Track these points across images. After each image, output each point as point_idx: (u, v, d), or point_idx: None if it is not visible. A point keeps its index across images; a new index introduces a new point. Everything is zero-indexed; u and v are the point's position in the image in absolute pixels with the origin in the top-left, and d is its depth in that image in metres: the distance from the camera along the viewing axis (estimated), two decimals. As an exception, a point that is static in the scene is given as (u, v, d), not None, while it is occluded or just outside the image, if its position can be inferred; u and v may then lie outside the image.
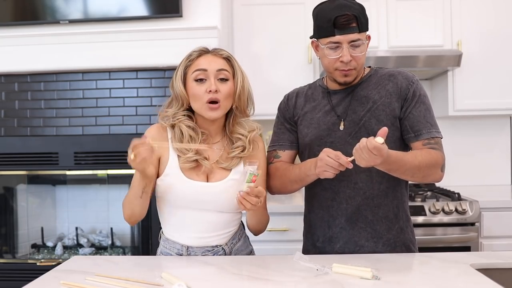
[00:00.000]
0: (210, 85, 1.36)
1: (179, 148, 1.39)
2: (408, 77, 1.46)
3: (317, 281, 1.16)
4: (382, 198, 1.46)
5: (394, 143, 1.43)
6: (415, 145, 1.44)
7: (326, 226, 1.51)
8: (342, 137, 1.46)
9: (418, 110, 1.43)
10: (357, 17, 1.36)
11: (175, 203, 1.41)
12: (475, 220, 2.38)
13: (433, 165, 1.38)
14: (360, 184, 1.45)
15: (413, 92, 1.44)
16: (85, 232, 2.79)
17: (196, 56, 1.41)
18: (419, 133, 1.42)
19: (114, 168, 2.54)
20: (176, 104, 1.42)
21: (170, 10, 2.48)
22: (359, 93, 1.48)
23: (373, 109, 1.44)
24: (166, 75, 2.52)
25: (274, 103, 1.71)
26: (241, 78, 1.42)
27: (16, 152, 2.59)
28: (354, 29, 1.37)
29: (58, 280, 1.19)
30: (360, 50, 1.39)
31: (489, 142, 3.11)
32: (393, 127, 1.43)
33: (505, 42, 2.78)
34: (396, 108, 1.43)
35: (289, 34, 2.84)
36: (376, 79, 1.49)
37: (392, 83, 1.46)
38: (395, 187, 1.48)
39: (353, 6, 1.39)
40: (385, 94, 1.45)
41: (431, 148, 1.41)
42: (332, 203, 1.49)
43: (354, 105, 1.46)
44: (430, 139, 1.41)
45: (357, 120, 1.45)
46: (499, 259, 1.33)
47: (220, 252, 1.43)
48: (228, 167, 1.41)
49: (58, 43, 2.52)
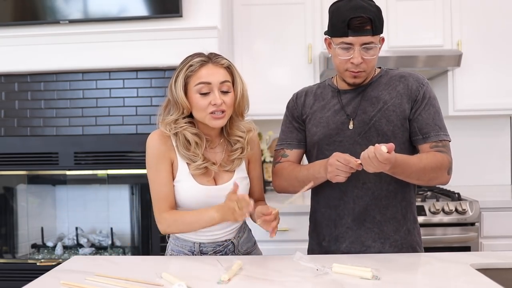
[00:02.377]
0: (215, 99, 1.36)
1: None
2: (418, 79, 1.47)
3: (317, 281, 1.16)
4: (391, 198, 1.46)
5: (403, 144, 1.44)
6: (422, 147, 1.44)
7: (333, 225, 1.50)
8: (351, 137, 1.46)
9: (427, 113, 1.43)
10: (372, 20, 1.35)
11: (188, 206, 1.44)
12: (475, 220, 2.38)
13: (438, 168, 1.38)
14: (368, 184, 1.45)
15: (423, 94, 1.44)
16: (85, 232, 2.79)
17: (198, 66, 1.38)
18: (427, 136, 1.42)
19: (114, 168, 2.54)
20: (176, 111, 1.41)
21: (170, 10, 2.47)
22: (369, 94, 1.48)
23: (383, 109, 1.44)
24: (166, 75, 2.52)
25: (274, 103, 1.71)
26: (241, 85, 1.43)
27: (16, 152, 2.59)
28: (368, 31, 1.36)
29: (58, 280, 1.19)
30: (372, 53, 1.39)
31: (489, 142, 3.11)
32: (402, 128, 1.43)
33: (505, 42, 2.78)
34: (406, 109, 1.43)
35: (289, 34, 2.84)
36: (386, 80, 1.49)
37: (403, 84, 1.46)
38: (404, 188, 1.48)
39: (369, 8, 1.36)
40: (396, 95, 1.45)
41: (438, 151, 1.40)
42: (339, 202, 1.48)
43: (364, 105, 1.46)
44: (438, 142, 1.41)
45: (367, 120, 1.44)
46: (499, 259, 1.33)
47: (230, 246, 1.48)
48: (231, 169, 1.46)
49: (58, 43, 2.52)
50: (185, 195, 1.43)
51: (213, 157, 1.46)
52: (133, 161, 2.48)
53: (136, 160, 2.50)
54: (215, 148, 1.48)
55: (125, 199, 2.74)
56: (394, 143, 1.34)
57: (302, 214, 2.40)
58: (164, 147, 1.42)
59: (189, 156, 1.40)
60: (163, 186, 1.42)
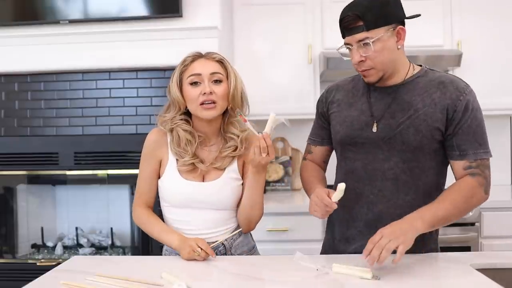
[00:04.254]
0: (204, 88, 1.40)
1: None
2: (459, 87, 1.34)
3: (317, 281, 1.16)
4: (407, 208, 1.34)
5: (429, 155, 1.36)
6: (456, 163, 1.35)
7: (345, 225, 1.47)
8: (374, 141, 1.38)
9: (468, 127, 1.32)
10: (360, 16, 1.28)
11: (174, 203, 1.47)
12: (475, 220, 2.39)
13: (470, 197, 1.31)
14: (384, 192, 1.39)
15: (464, 106, 1.32)
16: (85, 232, 2.78)
17: (190, 61, 1.45)
18: (464, 153, 1.33)
19: (114, 168, 2.54)
20: (173, 108, 1.46)
21: (170, 10, 2.47)
22: (402, 97, 1.37)
23: (413, 117, 1.34)
24: (166, 75, 2.52)
25: (274, 103, 1.71)
26: (234, 78, 1.45)
27: (16, 152, 2.59)
28: (360, 28, 1.29)
29: (58, 280, 1.19)
30: (372, 49, 1.29)
31: (489, 142, 3.10)
32: (432, 139, 1.34)
33: (505, 42, 2.78)
34: (439, 119, 1.33)
35: (289, 34, 2.84)
36: (424, 83, 1.38)
37: (441, 92, 1.34)
38: (425, 200, 1.34)
39: (360, 4, 1.30)
40: (430, 103, 1.34)
41: (470, 174, 1.32)
42: (354, 205, 1.43)
43: (394, 108, 1.37)
44: (473, 162, 1.32)
45: (394, 126, 1.36)
46: (499, 259, 1.33)
47: (220, 247, 1.46)
48: (221, 166, 1.46)
49: (58, 43, 2.52)
50: (170, 190, 1.46)
51: (206, 155, 1.47)
52: (133, 161, 2.48)
53: (136, 160, 2.46)
54: (210, 147, 1.48)
55: (125, 199, 2.74)
56: (419, 155, 1.33)
57: (302, 214, 2.41)
58: (156, 145, 1.48)
59: (179, 152, 1.44)
60: (143, 182, 1.51)
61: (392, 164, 1.37)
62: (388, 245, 1.15)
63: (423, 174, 1.37)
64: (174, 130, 1.45)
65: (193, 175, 1.44)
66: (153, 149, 1.48)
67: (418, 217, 1.24)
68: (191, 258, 1.35)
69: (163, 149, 1.48)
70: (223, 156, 1.46)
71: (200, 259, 1.34)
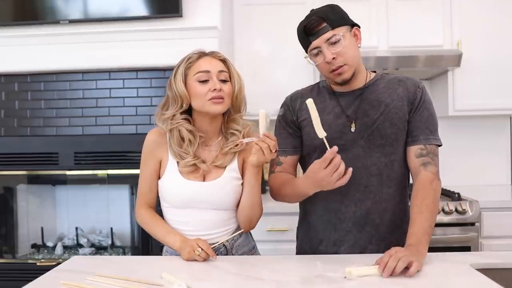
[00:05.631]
0: (214, 84, 1.40)
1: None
2: (415, 82, 1.48)
3: (317, 281, 1.16)
4: (390, 202, 1.45)
5: (402, 147, 1.44)
6: (409, 149, 1.43)
7: (332, 229, 1.48)
8: (354, 140, 1.44)
9: (421, 116, 1.43)
10: (324, 17, 1.39)
11: (174, 203, 1.46)
12: (475, 220, 2.38)
13: (436, 192, 1.38)
14: (370, 187, 1.44)
15: (420, 97, 1.44)
16: (85, 232, 2.79)
17: (196, 58, 1.45)
18: (415, 139, 1.43)
19: (114, 168, 2.54)
20: (174, 105, 1.43)
21: (170, 10, 2.48)
22: (368, 97, 1.46)
23: (386, 112, 1.43)
24: (166, 75, 2.52)
25: (274, 103, 1.70)
26: (238, 79, 1.47)
27: (16, 152, 2.59)
28: (325, 28, 1.38)
29: (58, 280, 1.19)
30: (340, 45, 1.38)
31: (489, 142, 3.11)
32: (404, 130, 1.43)
33: (505, 42, 2.78)
34: (406, 112, 1.44)
35: (289, 34, 2.81)
36: (384, 83, 1.48)
37: (402, 88, 1.46)
38: (402, 191, 1.48)
39: (320, 10, 1.43)
40: (397, 98, 1.45)
41: (422, 164, 1.40)
42: (340, 206, 1.45)
43: (365, 108, 1.45)
44: (423, 148, 1.41)
45: (370, 123, 1.43)
46: (499, 259, 1.33)
47: (222, 249, 1.45)
48: (222, 164, 1.45)
49: (58, 43, 2.52)
50: (171, 191, 1.45)
51: (207, 155, 1.46)
52: (133, 161, 2.48)
53: (136, 160, 2.47)
54: (210, 146, 1.48)
55: (125, 199, 2.74)
56: (396, 146, 1.37)
57: (302, 214, 2.41)
58: (155, 145, 1.48)
59: (180, 153, 1.43)
60: (144, 182, 1.50)
61: (374, 160, 1.43)
62: (404, 258, 1.17)
63: (400, 166, 1.45)
64: (174, 130, 1.43)
65: (195, 175, 1.44)
66: (152, 150, 1.48)
67: (415, 241, 1.26)
68: (191, 258, 1.34)
69: (162, 149, 1.47)
70: (224, 152, 1.45)
71: (200, 260, 1.33)
